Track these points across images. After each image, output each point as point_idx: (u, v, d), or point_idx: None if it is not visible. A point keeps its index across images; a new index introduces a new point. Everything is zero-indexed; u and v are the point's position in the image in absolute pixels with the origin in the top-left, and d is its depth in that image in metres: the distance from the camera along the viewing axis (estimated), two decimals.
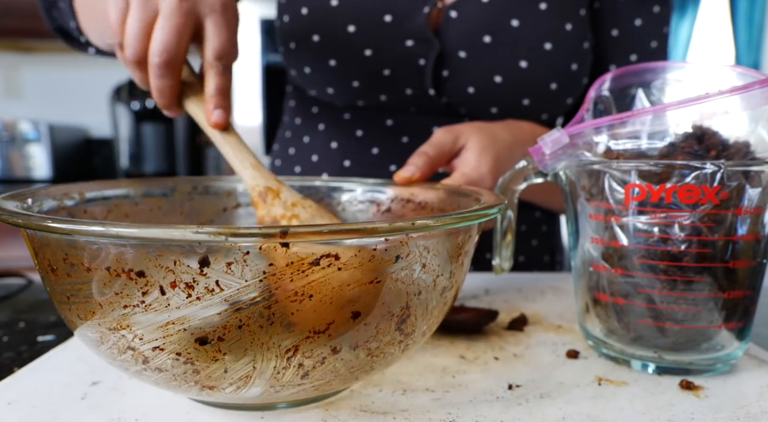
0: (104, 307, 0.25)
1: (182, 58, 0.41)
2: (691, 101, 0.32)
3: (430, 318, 0.29)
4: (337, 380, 0.28)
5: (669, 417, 0.30)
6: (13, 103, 2.70)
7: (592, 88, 0.41)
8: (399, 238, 0.25)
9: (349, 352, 0.26)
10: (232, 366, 0.25)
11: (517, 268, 0.68)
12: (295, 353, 0.25)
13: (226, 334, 0.24)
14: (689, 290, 0.33)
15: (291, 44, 0.67)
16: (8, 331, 0.45)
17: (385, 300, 0.26)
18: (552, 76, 0.63)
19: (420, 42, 0.62)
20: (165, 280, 0.23)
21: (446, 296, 0.30)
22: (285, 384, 0.26)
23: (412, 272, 0.27)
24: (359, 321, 0.26)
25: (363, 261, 0.25)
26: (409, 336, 0.28)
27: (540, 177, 0.40)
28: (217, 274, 0.23)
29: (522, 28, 0.61)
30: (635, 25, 0.66)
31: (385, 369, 0.32)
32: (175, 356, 0.25)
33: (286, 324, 0.24)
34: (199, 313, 0.24)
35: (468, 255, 0.31)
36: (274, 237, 0.22)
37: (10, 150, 2.37)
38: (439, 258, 0.28)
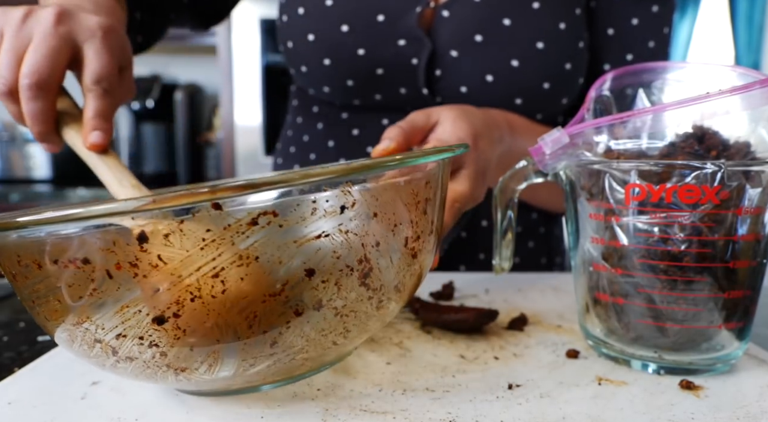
0: (62, 303, 0.25)
1: (56, 80, 0.39)
2: (691, 101, 0.32)
3: (400, 271, 0.28)
4: (312, 346, 0.27)
5: (669, 417, 0.30)
6: None
7: (592, 88, 0.41)
8: (340, 187, 0.25)
9: (314, 313, 0.26)
10: (196, 342, 0.25)
11: (513, 270, 0.68)
12: (255, 319, 0.24)
13: (180, 310, 0.24)
14: (689, 290, 0.33)
15: (289, 43, 0.67)
16: (8, 331, 0.45)
17: (339, 254, 0.25)
18: (545, 76, 0.63)
19: (412, 41, 0.62)
20: (109, 263, 0.23)
21: (413, 247, 0.29)
22: (256, 355, 0.26)
23: (363, 222, 0.26)
24: (315, 279, 0.25)
25: (304, 215, 0.24)
26: (378, 291, 0.27)
27: (540, 177, 0.40)
28: (157, 248, 0.23)
29: (514, 27, 0.61)
30: (632, 24, 0.66)
31: (370, 333, 0.31)
32: (139, 341, 0.25)
33: (239, 291, 0.24)
34: (150, 290, 0.23)
35: (433, 204, 0.30)
36: (203, 197, 0.21)
37: (10, 150, 2.37)
38: (395, 207, 0.27)
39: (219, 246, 0.23)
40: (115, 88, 0.42)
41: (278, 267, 0.24)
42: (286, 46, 0.68)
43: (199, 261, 0.23)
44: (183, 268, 0.23)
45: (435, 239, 0.31)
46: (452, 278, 0.56)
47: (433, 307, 0.45)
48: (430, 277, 0.59)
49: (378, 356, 0.38)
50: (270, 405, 0.31)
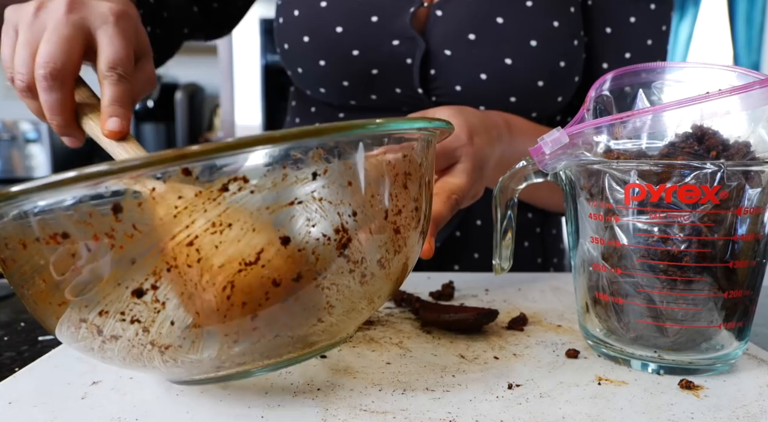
0: (47, 282, 0.25)
1: (71, 68, 0.39)
2: (691, 101, 0.32)
3: (382, 245, 0.28)
4: (294, 321, 0.26)
5: (669, 416, 0.30)
6: (13, 103, 2.70)
7: (592, 88, 0.41)
8: (311, 153, 0.25)
9: (294, 284, 0.25)
10: (175, 315, 0.25)
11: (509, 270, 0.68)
12: (232, 289, 0.24)
13: (158, 281, 0.24)
14: (689, 290, 0.33)
15: (285, 45, 0.67)
16: (9, 331, 0.45)
17: (314, 222, 0.25)
18: (538, 74, 0.63)
19: (406, 41, 0.62)
20: (87, 235, 0.23)
21: (395, 221, 0.28)
22: (238, 330, 0.25)
23: (337, 190, 0.25)
24: (291, 248, 0.25)
25: (276, 181, 0.24)
26: (359, 264, 0.27)
27: (540, 177, 0.40)
28: (131, 217, 0.23)
29: (506, 25, 0.62)
30: (630, 23, 0.66)
31: (358, 314, 0.30)
32: (120, 316, 0.25)
33: (211, 258, 0.24)
34: (127, 262, 0.23)
35: (415, 181, 0.30)
36: (173, 163, 0.22)
37: (10, 150, 2.37)
38: (371, 177, 0.27)
39: (192, 214, 0.23)
40: (131, 74, 0.41)
41: (252, 235, 0.24)
42: (283, 48, 0.68)
43: (173, 229, 0.23)
44: (157, 236, 0.23)
45: (422, 220, 0.31)
46: (452, 278, 0.56)
47: (433, 307, 0.45)
48: (430, 277, 0.59)
49: (378, 356, 0.38)
50: (270, 405, 0.31)
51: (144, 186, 0.23)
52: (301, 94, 0.74)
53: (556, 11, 0.63)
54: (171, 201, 0.23)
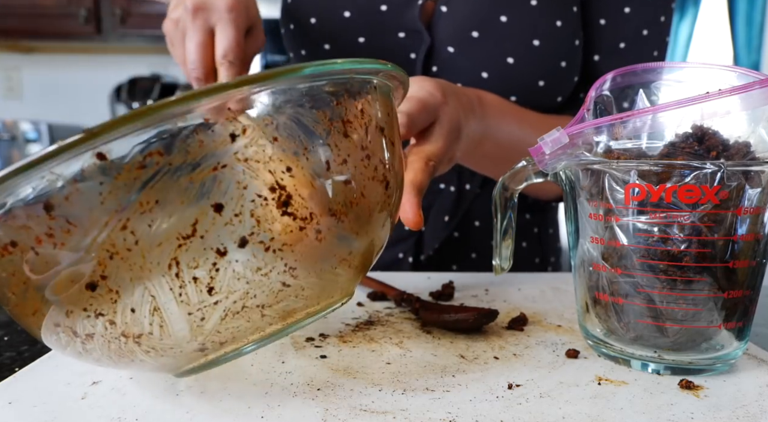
0: (16, 295, 0.25)
1: (211, 63, 0.48)
2: (691, 101, 0.32)
3: (332, 196, 0.27)
4: (257, 289, 0.26)
5: (669, 416, 0.30)
6: (13, 103, 2.71)
7: (592, 88, 0.41)
8: (223, 116, 0.24)
9: (241, 252, 0.25)
10: (133, 302, 0.25)
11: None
12: (178, 266, 0.24)
13: (105, 270, 0.24)
14: (689, 290, 0.33)
15: (291, 25, 0.67)
16: (9, 331, 0.45)
17: (245, 184, 0.24)
18: (540, 73, 0.63)
19: (411, 35, 0.62)
20: (30, 239, 0.23)
21: (342, 171, 0.27)
22: (200, 307, 0.25)
23: (263, 148, 0.25)
24: (227, 214, 0.24)
25: (191, 149, 0.23)
26: (309, 220, 0.26)
27: (540, 177, 0.40)
28: (62, 211, 0.23)
29: (510, 23, 0.61)
30: (624, 13, 0.65)
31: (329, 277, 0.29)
32: (85, 313, 0.25)
33: (149, 238, 0.24)
34: (71, 259, 0.24)
35: (357, 127, 0.28)
36: (88, 146, 0.22)
37: (10, 150, 2.37)
38: (299, 130, 0.26)
39: (117, 197, 0.23)
40: (240, 58, 0.48)
41: (182, 207, 0.24)
42: (288, 28, 0.68)
43: (103, 216, 0.23)
44: (92, 226, 0.23)
45: (381, 169, 0.29)
46: (452, 278, 0.56)
47: (433, 307, 0.45)
48: (430, 277, 0.59)
49: (378, 356, 0.38)
50: (270, 404, 0.31)
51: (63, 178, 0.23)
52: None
53: (559, 11, 0.63)
54: (95, 188, 0.23)
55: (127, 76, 2.51)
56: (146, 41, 2.41)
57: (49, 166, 0.22)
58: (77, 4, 2.34)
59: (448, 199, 0.69)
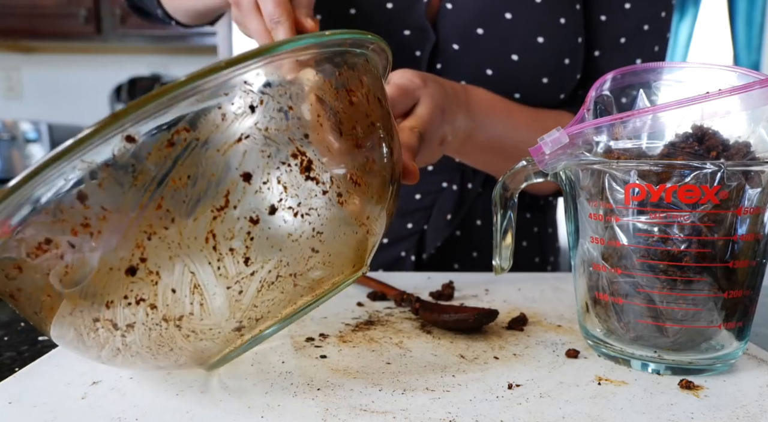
0: (52, 296, 0.25)
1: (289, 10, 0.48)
2: (691, 101, 0.32)
3: (348, 161, 0.28)
4: (288, 255, 0.27)
5: (669, 416, 0.30)
6: (13, 103, 2.71)
7: (592, 87, 0.41)
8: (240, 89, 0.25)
9: (270, 218, 0.26)
10: (173, 282, 0.25)
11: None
12: (215, 238, 0.25)
13: (143, 252, 0.24)
14: (689, 290, 0.33)
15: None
16: (9, 331, 0.45)
17: (269, 153, 0.26)
18: (544, 70, 0.63)
19: (417, 32, 0.62)
20: (66, 232, 0.24)
21: (354, 135, 0.29)
22: (238, 279, 0.26)
23: (281, 117, 0.26)
24: (255, 182, 0.25)
25: (216, 122, 0.24)
26: (330, 184, 0.27)
27: (540, 176, 0.40)
28: (97, 199, 0.23)
29: (515, 21, 0.61)
30: (625, 9, 0.65)
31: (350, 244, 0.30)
32: (125, 301, 0.25)
33: (185, 214, 0.24)
34: (110, 246, 0.24)
35: (360, 96, 0.30)
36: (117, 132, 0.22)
37: (10, 150, 2.37)
38: (309, 98, 0.27)
39: (150, 177, 0.23)
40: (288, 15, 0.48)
41: (213, 180, 0.24)
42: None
43: (137, 197, 0.23)
44: (127, 209, 0.23)
45: (384, 135, 0.31)
46: (452, 278, 0.56)
47: (433, 307, 0.45)
48: (430, 277, 0.59)
49: (378, 356, 0.38)
50: (270, 404, 0.31)
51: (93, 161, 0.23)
52: None
53: (563, 8, 0.63)
54: (127, 171, 0.23)
55: (127, 76, 2.51)
56: (146, 41, 2.41)
57: (80, 155, 0.22)
58: (77, 4, 2.34)
59: (450, 198, 0.69)
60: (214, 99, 0.25)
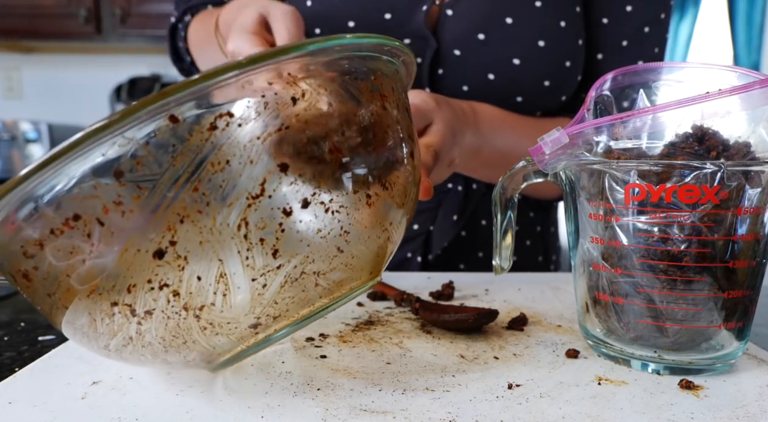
0: (72, 276, 0.25)
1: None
2: (691, 101, 0.32)
3: (379, 162, 0.28)
4: (315, 253, 0.27)
5: (669, 416, 0.30)
6: (13, 103, 2.71)
7: (592, 87, 0.41)
8: (284, 79, 0.25)
9: (303, 212, 0.26)
10: (200, 269, 0.25)
11: (511, 268, 0.69)
12: (247, 227, 0.24)
13: (174, 235, 0.24)
14: (689, 290, 0.33)
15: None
16: (9, 331, 0.45)
17: (307, 148, 0.26)
18: (545, 74, 0.63)
19: (417, 40, 0.62)
20: (96, 210, 0.23)
21: (384, 139, 0.29)
22: (264, 271, 0.26)
23: (320, 112, 0.26)
24: (291, 174, 0.25)
25: (259, 110, 0.24)
26: (361, 184, 0.27)
27: (540, 176, 0.40)
28: (133, 177, 0.23)
29: (516, 25, 0.62)
30: (626, 11, 0.66)
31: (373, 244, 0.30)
32: (149, 285, 0.25)
33: (220, 199, 0.24)
34: (140, 226, 0.23)
35: (391, 102, 0.30)
36: (162, 111, 0.22)
37: (10, 150, 2.37)
38: (346, 96, 0.27)
39: (189, 159, 0.23)
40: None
41: (251, 167, 0.24)
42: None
43: (174, 178, 0.23)
44: (163, 189, 0.23)
45: (409, 142, 0.31)
46: (452, 278, 0.56)
47: (433, 307, 0.45)
48: (430, 277, 0.59)
49: (378, 356, 0.38)
50: (270, 404, 0.31)
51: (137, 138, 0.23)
52: None
53: (563, 11, 0.63)
54: (167, 151, 0.23)
55: (127, 76, 2.51)
56: (146, 41, 2.41)
57: (121, 130, 0.22)
58: (77, 4, 2.34)
59: (455, 199, 0.69)
60: (260, 87, 0.25)
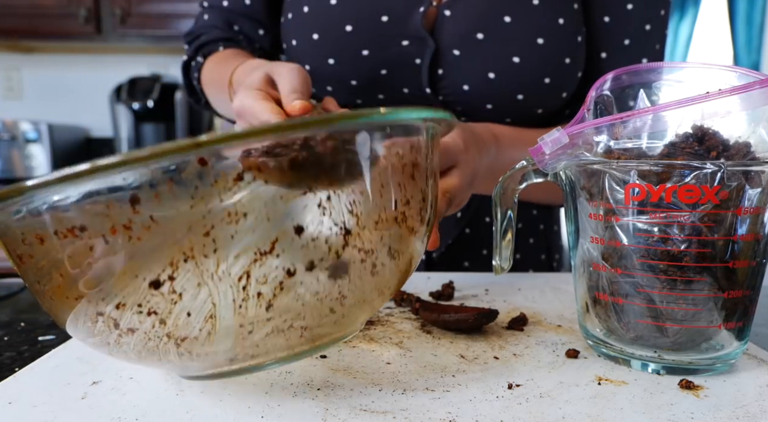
0: (65, 276, 0.25)
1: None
2: (691, 101, 0.32)
3: (393, 234, 0.28)
4: (308, 312, 0.27)
5: (669, 416, 0.30)
6: (13, 103, 2.70)
7: (592, 87, 0.41)
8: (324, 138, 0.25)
9: (306, 274, 0.25)
10: (192, 306, 0.25)
11: (514, 266, 0.69)
12: (248, 279, 0.24)
13: (175, 272, 0.24)
14: (689, 290, 0.33)
15: (293, 41, 0.67)
16: (9, 331, 0.45)
17: (330, 211, 0.25)
18: (545, 71, 0.63)
19: (415, 42, 0.63)
20: (104, 228, 0.23)
21: (403, 211, 0.28)
22: (253, 320, 0.26)
23: (343, 181, 0.26)
24: (305, 237, 0.25)
25: (286, 169, 0.24)
26: (370, 254, 0.27)
27: (540, 176, 0.40)
28: (148, 208, 0.23)
29: (514, 23, 0.62)
30: (627, 10, 0.66)
31: (368, 306, 0.30)
32: (138, 308, 0.25)
33: (229, 249, 0.24)
34: (144, 255, 0.23)
35: (421, 172, 0.30)
36: (190, 152, 0.22)
37: (10, 150, 2.37)
38: (379, 168, 0.27)
39: (207, 204, 0.23)
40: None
41: (267, 224, 0.24)
42: (291, 44, 0.68)
43: (189, 220, 0.23)
44: (174, 227, 0.23)
45: (429, 211, 0.31)
46: (452, 278, 0.56)
47: (433, 307, 0.45)
48: (430, 277, 0.59)
49: (378, 356, 0.38)
50: (270, 404, 0.31)
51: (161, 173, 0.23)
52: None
53: (561, 9, 0.63)
54: (188, 191, 0.23)
55: (127, 76, 2.51)
56: (146, 41, 2.41)
57: (149, 162, 0.22)
58: (77, 4, 2.34)
59: None
60: (297, 145, 0.24)
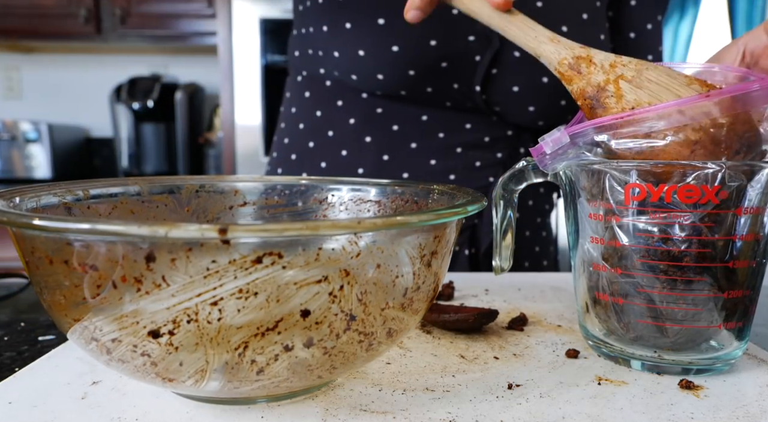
0: (67, 299, 0.25)
1: None
2: (691, 101, 0.32)
3: (396, 319, 0.29)
4: (296, 378, 0.27)
5: (669, 416, 0.30)
6: (13, 103, 2.70)
7: None
8: (346, 237, 0.25)
9: (304, 351, 0.26)
10: (186, 359, 0.25)
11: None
12: (245, 349, 0.25)
13: (176, 329, 0.24)
14: (689, 290, 0.33)
15: (347, 25, 0.66)
16: (9, 331, 0.45)
17: (340, 298, 0.26)
18: None
19: (481, 38, 0.63)
20: (116, 274, 0.24)
21: (411, 298, 0.29)
22: (241, 379, 0.26)
23: (364, 271, 0.26)
24: (309, 320, 0.26)
25: (308, 260, 0.25)
26: (370, 336, 0.28)
27: (540, 176, 0.40)
28: (162, 269, 0.23)
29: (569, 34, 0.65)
30: (647, 29, 0.72)
31: (358, 368, 0.31)
32: (132, 348, 0.25)
33: (234, 320, 0.25)
34: (149, 307, 0.24)
35: (439, 257, 0.30)
36: (213, 234, 0.22)
37: (10, 150, 2.37)
38: (398, 259, 0.27)
39: (221, 278, 0.24)
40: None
41: (276, 305, 0.25)
42: (344, 28, 0.66)
43: (200, 288, 0.24)
44: (184, 292, 0.24)
45: (435, 292, 0.32)
46: (452, 278, 0.56)
47: (433, 307, 0.45)
48: None
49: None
50: (270, 404, 0.31)
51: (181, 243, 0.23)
52: (319, 87, 0.72)
53: (602, 26, 0.67)
54: (204, 262, 0.23)
55: (127, 76, 2.51)
56: (146, 41, 2.41)
57: (167, 232, 0.22)
58: (77, 4, 2.34)
59: None
60: (323, 240, 0.25)
